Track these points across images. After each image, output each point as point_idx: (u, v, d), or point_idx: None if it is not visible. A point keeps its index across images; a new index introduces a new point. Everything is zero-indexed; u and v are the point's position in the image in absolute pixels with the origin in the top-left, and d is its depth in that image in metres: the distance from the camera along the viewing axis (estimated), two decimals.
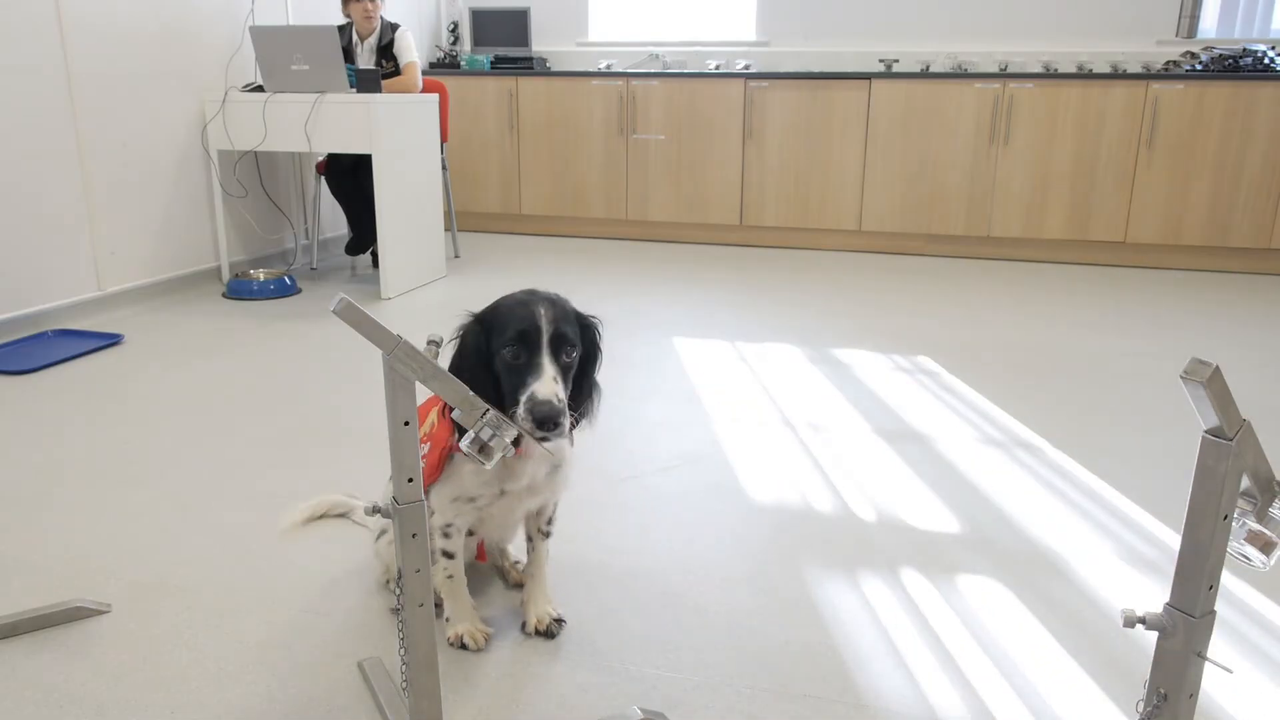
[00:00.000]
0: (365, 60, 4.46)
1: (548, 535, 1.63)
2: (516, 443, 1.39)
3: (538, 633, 1.60)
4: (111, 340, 3.31)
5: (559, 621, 1.62)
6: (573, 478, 1.59)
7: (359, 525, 1.97)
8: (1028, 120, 4.81)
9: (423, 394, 1.22)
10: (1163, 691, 1.00)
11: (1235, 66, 4.65)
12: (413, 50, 4.48)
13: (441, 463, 1.46)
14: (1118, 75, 4.67)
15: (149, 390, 2.83)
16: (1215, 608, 0.97)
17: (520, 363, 1.29)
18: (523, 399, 1.28)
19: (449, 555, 1.55)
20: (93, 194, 3.58)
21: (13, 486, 2.17)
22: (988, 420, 2.66)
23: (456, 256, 5.01)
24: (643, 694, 1.45)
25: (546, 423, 1.25)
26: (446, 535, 1.53)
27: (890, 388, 2.93)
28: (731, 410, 2.72)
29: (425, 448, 1.50)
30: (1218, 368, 0.87)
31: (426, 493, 1.53)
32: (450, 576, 1.58)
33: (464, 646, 1.57)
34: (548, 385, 1.27)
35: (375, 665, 1.49)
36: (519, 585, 1.76)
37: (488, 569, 1.83)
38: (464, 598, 1.60)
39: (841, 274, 4.65)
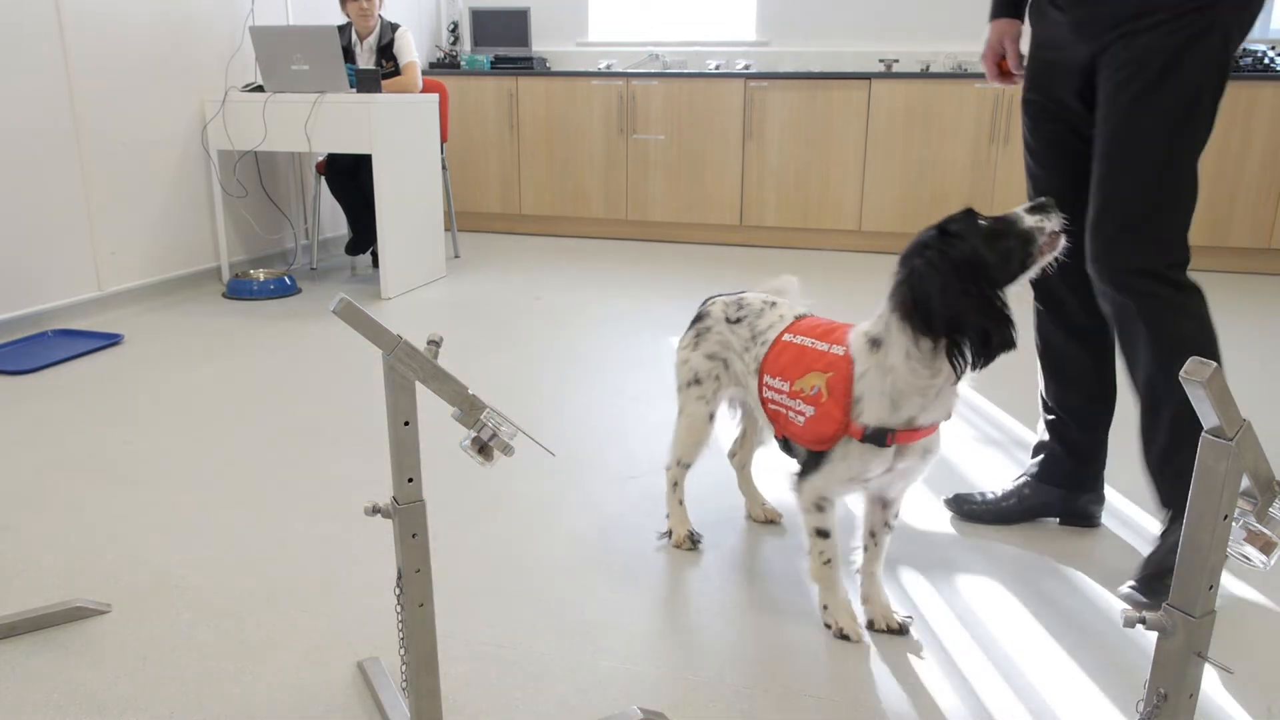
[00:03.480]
0: (365, 60, 4.46)
1: (891, 529, 1.62)
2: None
3: (888, 629, 1.59)
4: (111, 340, 3.31)
5: (910, 618, 1.61)
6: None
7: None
8: None
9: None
10: (1163, 691, 1.00)
11: (1235, 66, 4.65)
12: (412, 50, 4.48)
13: (835, 439, 1.45)
14: None
15: (149, 390, 2.83)
16: (1215, 608, 0.97)
17: None
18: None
19: (824, 534, 1.54)
20: (93, 194, 3.59)
21: (13, 486, 2.17)
22: (987, 420, 2.66)
23: (456, 256, 5.01)
24: (643, 694, 1.45)
25: None
26: (820, 509, 1.52)
27: None
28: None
29: (808, 408, 1.47)
30: (1218, 367, 0.87)
31: (818, 462, 1.47)
32: (827, 561, 1.56)
33: (844, 638, 1.56)
34: None
35: (375, 665, 1.49)
36: (767, 520, 1.98)
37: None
38: (841, 586, 1.58)
39: (841, 274, 4.65)
